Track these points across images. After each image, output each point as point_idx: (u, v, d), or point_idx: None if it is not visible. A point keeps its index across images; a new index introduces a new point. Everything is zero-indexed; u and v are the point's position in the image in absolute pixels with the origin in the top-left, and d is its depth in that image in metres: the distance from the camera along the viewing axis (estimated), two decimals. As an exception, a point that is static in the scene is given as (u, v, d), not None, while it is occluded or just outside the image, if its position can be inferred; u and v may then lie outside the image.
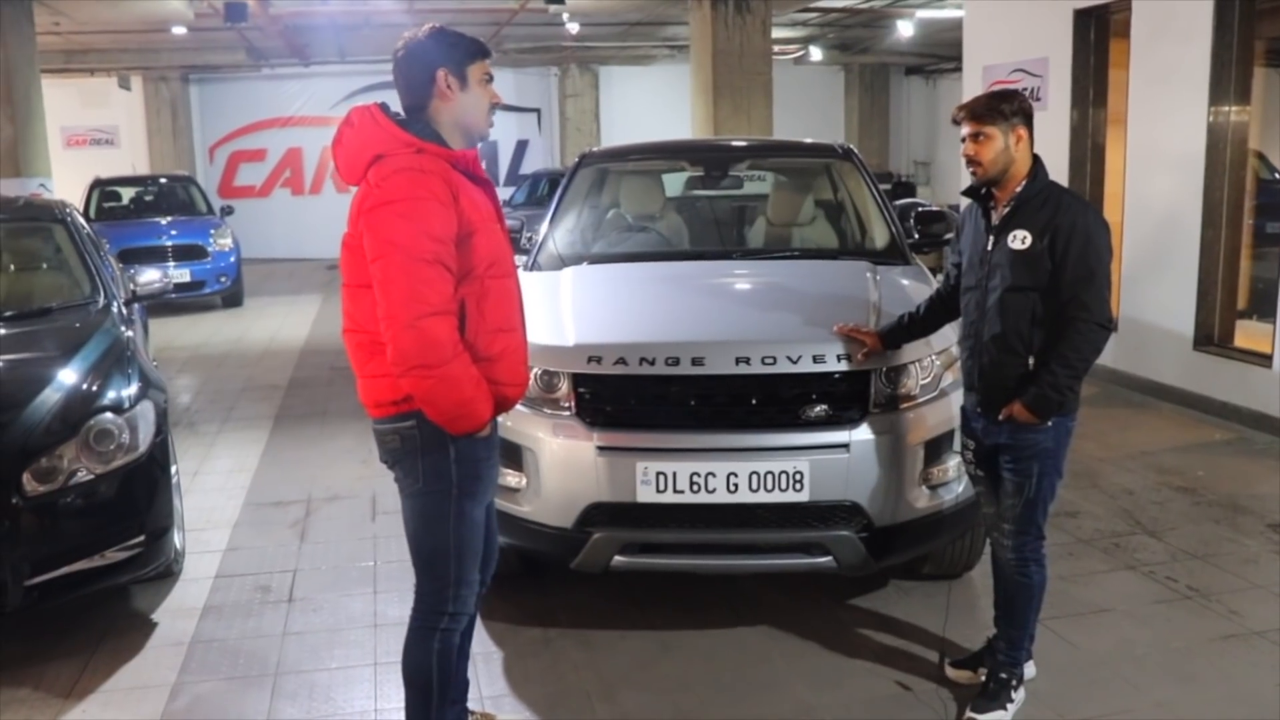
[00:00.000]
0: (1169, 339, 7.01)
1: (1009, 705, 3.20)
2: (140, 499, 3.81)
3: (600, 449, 3.49)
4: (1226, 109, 6.59)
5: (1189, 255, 6.80)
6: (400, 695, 2.79)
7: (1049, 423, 3.05)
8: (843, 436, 3.47)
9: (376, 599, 4.16)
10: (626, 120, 19.35)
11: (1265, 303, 6.82)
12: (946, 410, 3.61)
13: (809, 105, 19.18)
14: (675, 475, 3.42)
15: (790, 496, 3.43)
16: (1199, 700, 3.32)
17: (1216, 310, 6.79)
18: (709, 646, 3.72)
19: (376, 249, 2.45)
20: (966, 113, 3.09)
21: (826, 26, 16.89)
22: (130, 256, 10.09)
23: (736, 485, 3.41)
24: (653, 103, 19.11)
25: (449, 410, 2.50)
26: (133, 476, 3.75)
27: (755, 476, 3.41)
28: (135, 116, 19.21)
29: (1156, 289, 7.13)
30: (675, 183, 6.00)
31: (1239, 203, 6.69)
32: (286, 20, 14.43)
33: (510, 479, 3.64)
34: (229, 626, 3.96)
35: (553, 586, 4.18)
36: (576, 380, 3.59)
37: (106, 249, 5.67)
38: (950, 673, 3.46)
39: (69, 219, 5.37)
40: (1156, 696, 3.33)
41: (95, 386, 3.89)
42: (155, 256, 11.28)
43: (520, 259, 4.56)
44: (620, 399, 3.57)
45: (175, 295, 10.15)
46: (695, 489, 3.43)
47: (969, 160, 3.10)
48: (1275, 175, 9.92)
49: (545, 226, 4.95)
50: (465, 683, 3.01)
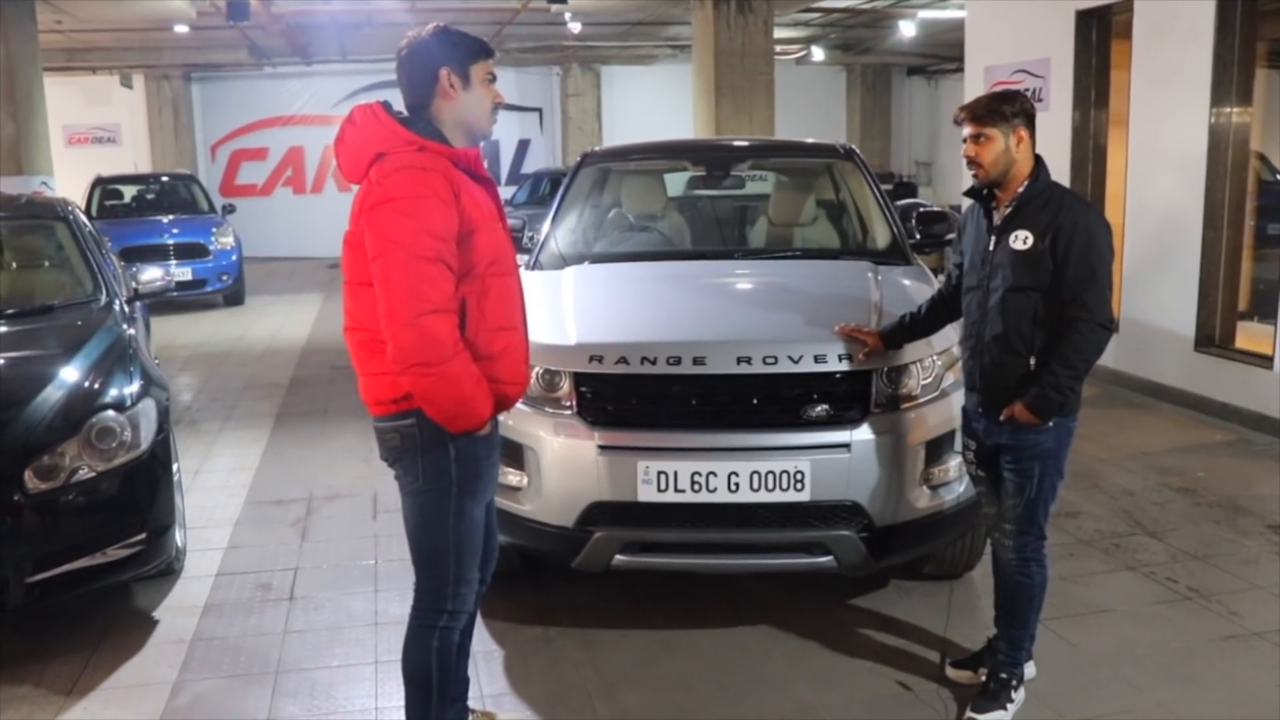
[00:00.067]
0: (1170, 340, 7.01)
1: (1009, 705, 3.20)
2: (142, 497, 3.81)
3: (601, 448, 3.49)
4: (1228, 110, 6.59)
5: (1190, 256, 6.81)
6: (401, 693, 2.79)
7: (1050, 423, 3.05)
8: (844, 436, 3.47)
9: (377, 597, 4.16)
10: (628, 120, 19.35)
11: (1266, 304, 6.83)
12: (947, 410, 3.61)
13: (811, 105, 19.20)
14: (676, 474, 3.43)
15: (791, 496, 3.43)
16: (1199, 701, 3.32)
17: (1217, 311, 6.79)
18: (710, 645, 3.72)
19: (377, 246, 2.45)
20: (967, 114, 3.09)
21: (828, 27, 16.89)
22: (132, 255, 10.09)
23: (737, 485, 3.42)
24: (654, 102, 19.12)
25: (448, 408, 2.50)
26: (134, 474, 3.76)
27: (756, 476, 3.41)
28: (137, 115, 19.23)
29: (1158, 290, 7.13)
30: (677, 182, 5.99)
31: (1240, 204, 6.69)
32: (289, 19, 14.44)
33: (511, 478, 3.64)
34: (230, 624, 3.96)
35: (554, 585, 4.18)
36: (578, 379, 3.59)
37: (108, 247, 5.67)
38: (950, 673, 3.46)
39: (71, 217, 5.37)
40: (1156, 697, 3.34)
41: (97, 384, 3.90)
42: (157, 255, 11.30)
43: (522, 258, 4.56)
44: (621, 398, 3.57)
45: (177, 293, 10.16)
46: (696, 488, 3.43)
47: (970, 161, 3.09)
48: (1276, 177, 9.90)
49: (547, 226, 4.95)
50: (466, 681, 3.01)
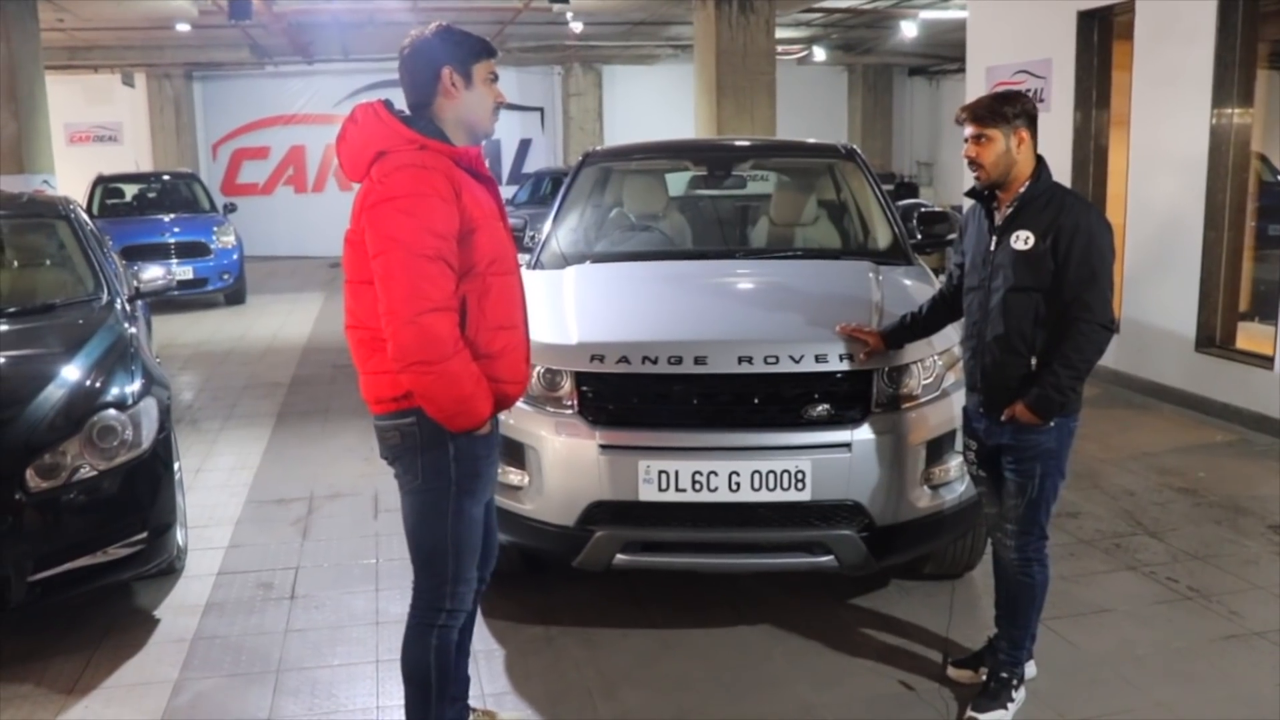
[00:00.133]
0: (1171, 340, 7.01)
1: (1010, 705, 3.20)
2: (143, 496, 3.81)
3: (603, 447, 3.49)
4: (1229, 111, 6.59)
5: (1191, 257, 6.81)
6: (402, 692, 2.79)
7: (1051, 423, 3.05)
8: (844, 436, 3.47)
9: (379, 596, 4.17)
10: (630, 119, 19.35)
11: (1267, 305, 6.84)
12: (948, 410, 3.61)
13: (812, 105, 19.21)
14: (677, 474, 3.43)
15: (792, 496, 3.43)
16: (1199, 700, 3.32)
17: (1218, 312, 6.79)
18: (710, 645, 3.72)
19: (378, 245, 2.45)
20: (969, 114, 3.08)
21: (830, 27, 16.90)
22: (133, 253, 10.08)
23: (738, 484, 3.42)
24: (656, 102, 19.13)
25: (448, 407, 2.50)
26: (135, 473, 3.76)
27: (757, 475, 3.41)
28: (139, 113, 19.25)
29: (1158, 290, 7.13)
30: (678, 182, 5.99)
31: (1241, 205, 6.69)
32: (290, 18, 14.45)
33: (513, 477, 3.64)
34: (231, 623, 3.96)
35: (555, 584, 4.18)
36: (579, 379, 3.59)
37: (110, 246, 5.67)
38: (951, 672, 3.46)
39: (72, 215, 5.37)
40: (1157, 696, 3.34)
41: (99, 383, 3.90)
42: (158, 253, 11.31)
43: (523, 258, 4.56)
44: (623, 398, 3.57)
45: (178, 292, 10.16)
46: (697, 488, 3.43)
47: (971, 162, 3.09)
48: (1277, 178, 9.91)
49: (548, 225, 4.95)
50: (466, 680, 3.01)
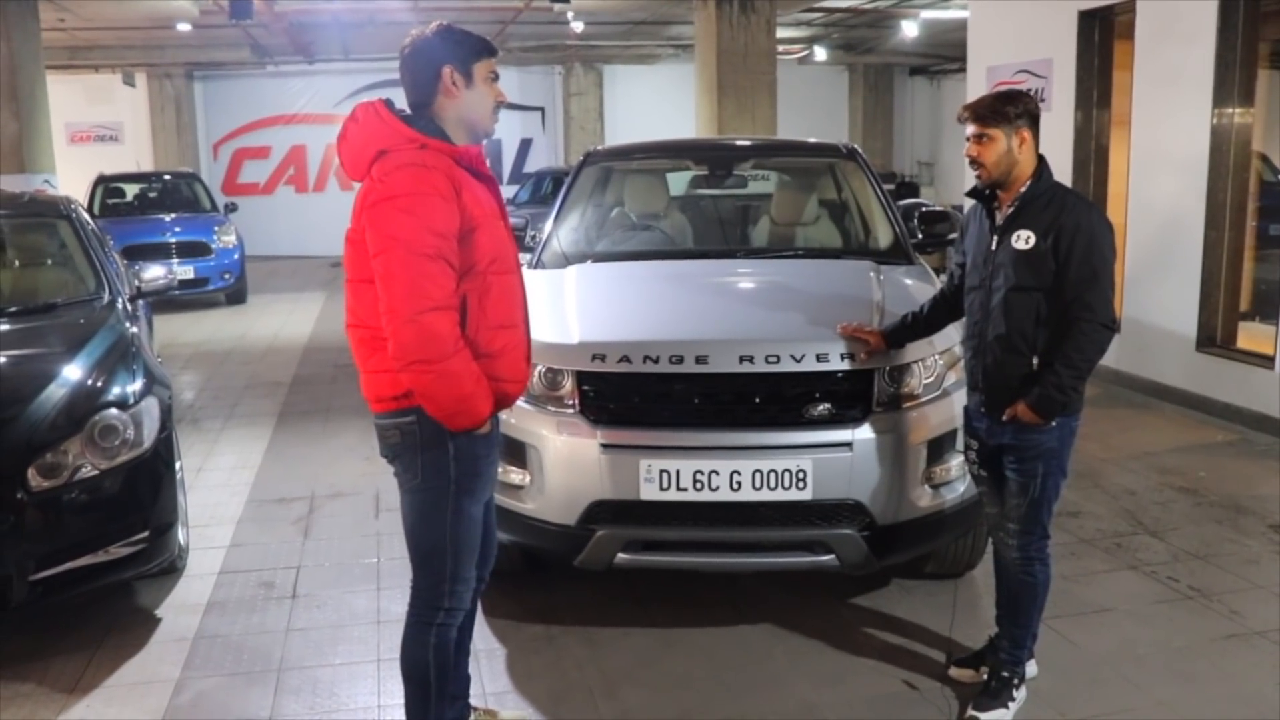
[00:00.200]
0: (1171, 340, 7.01)
1: (1011, 704, 3.20)
2: (144, 495, 3.81)
3: (604, 446, 3.50)
4: (1230, 111, 6.59)
5: (1192, 257, 6.80)
6: (403, 691, 2.79)
7: (1053, 423, 3.05)
8: (845, 435, 3.47)
9: (380, 595, 4.17)
10: (630, 119, 19.35)
11: (1267, 304, 6.84)
12: (949, 409, 3.61)
13: (813, 105, 19.21)
14: (679, 473, 3.43)
15: (793, 495, 3.43)
16: (1200, 700, 3.32)
17: (1219, 312, 6.79)
18: (711, 644, 3.72)
19: (379, 244, 2.46)
20: (971, 113, 3.08)
21: (831, 26, 16.90)
22: (134, 253, 10.09)
23: (740, 483, 3.42)
24: (657, 102, 19.13)
25: (448, 406, 2.50)
26: (137, 472, 3.76)
27: (758, 475, 3.41)
28: (140, 113, 19.25)
29: (1159, 290, 7.13)
30: (679, 182, 5.99)
31: (1242, 205, 6.69)
32: (291, 18, 14.46)
33: (514, 476, 3.64)
34: (232, 622, 3.97)
35: (556, 583, 4.19)
36: (580, 378, 3.59)
37: (111, 245, 5.68)
38: (952, 671, 3.46)
39: (74, 215, 5.38)
40: (1157, 696, 3.34)
41: (100, 382, 3.90)
42: (159, 253, 11.32)
43: (524, 257, 4.56)
44: (624, 397, 3.57)
45: (179, 292, 10.16)
46: (698, 487, 3.43)
47: (972, 161, 3.09)
48: (1278, 177, 9.91)
49: (549, 225, 4.95)
50: (467, 679, 3.01)
